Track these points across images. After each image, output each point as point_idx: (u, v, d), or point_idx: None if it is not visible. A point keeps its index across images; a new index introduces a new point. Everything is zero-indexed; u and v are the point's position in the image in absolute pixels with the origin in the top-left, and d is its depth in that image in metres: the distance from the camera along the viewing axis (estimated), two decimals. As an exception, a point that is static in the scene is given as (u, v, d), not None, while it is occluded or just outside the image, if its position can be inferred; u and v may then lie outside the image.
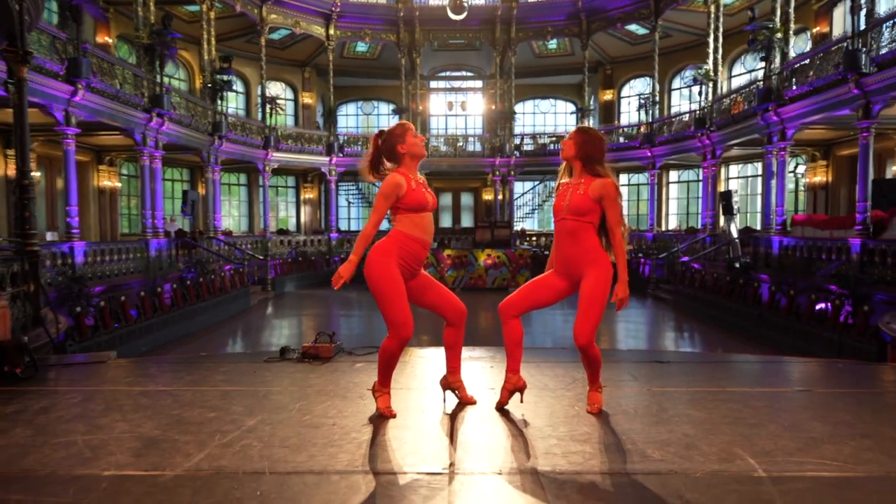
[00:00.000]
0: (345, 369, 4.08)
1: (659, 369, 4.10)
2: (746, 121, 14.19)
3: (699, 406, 3.20)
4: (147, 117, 12.27)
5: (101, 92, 10.75)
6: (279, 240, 19.21)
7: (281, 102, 20.14)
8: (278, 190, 22.97)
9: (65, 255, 9.70)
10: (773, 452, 2.52)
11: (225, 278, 12.94)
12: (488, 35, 20.83)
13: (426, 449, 2.60)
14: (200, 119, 15.21)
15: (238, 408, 3.18)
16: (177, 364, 4.37)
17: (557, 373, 3.95)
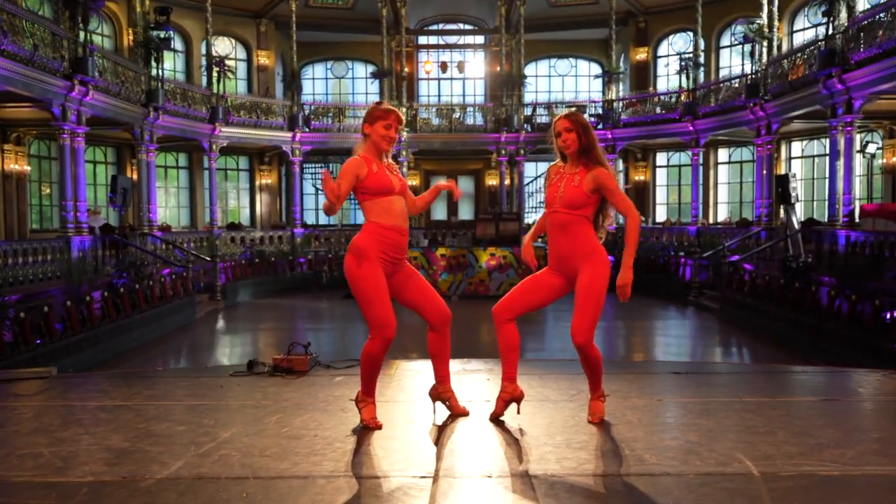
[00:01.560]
0: (323, 383, 4.67)
1: (673, 381, 4.73)
2: (806, 88, 14.83)
3: (709, 415, 3.81)
4: (68, 85, 12.82)
5: (13, 55, 11.29)
6: (230, 237, 19.76)
7: (230, 64, 20.69)
8: (227, 174, 23.46)
9: (-32, 257, 10.24)
10: (774, 456, 3.14)
11: (165, 284, 13.50)
12: (490, -21, 21.34)
13: (414, 456, 3.20)
14: (132, 87, 15.76)
15: (209, 421, 3.77)
16: (131, 378, 4.95)
17: (561, 384, 4.56)
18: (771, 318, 12.39)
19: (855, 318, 9.99)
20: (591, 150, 3.64)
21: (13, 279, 11.21)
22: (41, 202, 18.40)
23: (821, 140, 19.52)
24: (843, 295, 10.62)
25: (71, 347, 9.70)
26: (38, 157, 17.90)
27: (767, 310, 12.49)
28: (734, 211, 22.00)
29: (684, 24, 22.04)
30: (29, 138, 17.27)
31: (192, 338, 13.03)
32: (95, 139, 18.76)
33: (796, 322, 11.57)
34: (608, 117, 21.41)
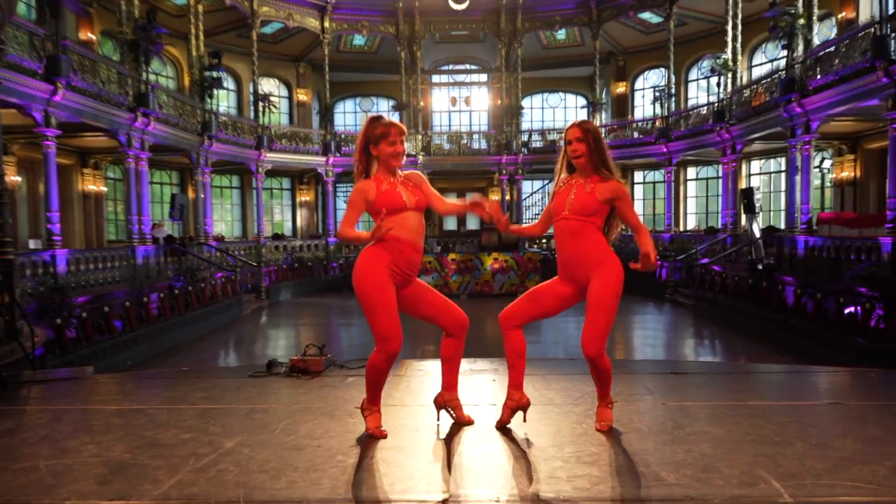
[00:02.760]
0: (335, 384, 4.00)
1: (675, 381, 3.99)
2: (768, 113, 14.06)
3: (718, 422, 3.09)
4: (132, 117, 12.28)
5: (83, 91, 10.76)
6: (274, 245, 19.20)
7: (274, 100, 20.13)
8: (273, 192, 22.96)
9: (46, 263, 9.69)
10: (800, 475, 2.41)
11: (216, 286, 12.90)
12: (493, 26, 20.79)
13: (417, 473, 2.51)
14: (189, 118, 15.22)
15: (216, 428, 3.10)
16: (156, 380, 4.30)
17: (565, 386, 3.85)
18: (741, 314, 11.60)
19: (820, 315, 9.19)
20: (604, 161, 2.97)
21: (85, 283, 10.65)
22: (117, 217, 17.88)
23: (776, 158, 18.72)
24: (808, 294, 9.82)
25: (129, 343, 9.10)
26: (113, 179, 17.38)
27: (738, 306, 11.70)
28: (701, 220, 21.19)
29: (657, 61, 21.58)
30: (105, 163, 16.76)
31: (239, 332, 12.41)
32: (161, 164, 18.30)
33: (764, 318, 10.78)
34: (593, 141, 20.61)
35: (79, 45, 12.02)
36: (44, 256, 9.68)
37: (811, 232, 12.71)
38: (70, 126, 11.05)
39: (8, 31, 8.79)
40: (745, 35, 17.13)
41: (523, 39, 20.78)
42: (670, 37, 18.62)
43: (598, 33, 20.28)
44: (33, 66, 9.41)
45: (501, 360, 4.94)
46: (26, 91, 9.36)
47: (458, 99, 23.30)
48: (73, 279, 10.09)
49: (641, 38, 21.67)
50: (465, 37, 22.21)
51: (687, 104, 20.81)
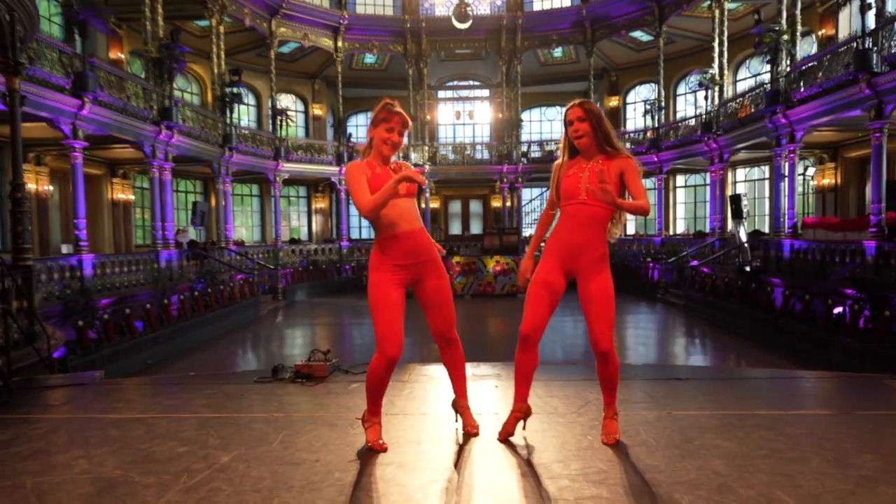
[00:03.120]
0: (339, 391, 3.68)
1: (678, 388, 3.65)
2: (754, 124, 13.69)
3: (728, 434, 2.76)
4: (156, 130, 12.02)
5: (109, 105, 10.51)
6: (290, 249, 18.93)
7: (291, 114, 19.89)
8: (290, 200, 22.72)
9: (73, 267, 9.43)
10: (822, 497, 2.08)
11: (234, 288, 12.62)
12: (494, 44, 20.49)
13: (417, 494, 2.19)
14: (211, 131, 14.98)
15: (214, 440, 2.79)
16: (160, 386, 3.99)
17: (567, 393, 3.52)
18: (731, 314, 11.22)
19: (809, 315, 8.81)
20: (609, 139, 2.60)
21: (111, 286, 10.38)
22: (144, 223, 17.64)
23: (760, 167, 18.32)
24: (796, 295, 9.44)
25: (149, 342, 8.82)
26: (140, 188, 17.14)
27: (728, 307, 11.32)
28: (690, 224, 20.81)
29: (648, 76, 21.24)
30: (133, 173, 16.52)
31: (255, 331, 12.11)
32: (186, 173, 18.08)
33: (753, 317, 10.40)
34: (588, 152, 20.29)
35: (108, 63, 11.80)
36: (71, 261, 9.42)
37: (796, 236, 12.32)
38: (97, 138, 10.82)
39: (36, 48, 8.56)
40: (731, 52, 16.78)
41: (522, 57, 20.48)
42: (660, 54, 18.28)
43: (592, 51, 19.98)
44: (61, 81, 9.16)
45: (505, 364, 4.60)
46: (55, 105, 9.12)
47: (462, 113, 23.02)
48: (98, 282, 9.83)
49: (633, 56, 21.34)
50: (468, 55, 21.93)
51: (675, 117, 20.47)
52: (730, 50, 16.54)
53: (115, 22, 15.14)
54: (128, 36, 15.90)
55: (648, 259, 17.39)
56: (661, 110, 18.73)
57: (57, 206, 13.55)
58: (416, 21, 20.10)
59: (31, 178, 12.48)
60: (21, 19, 5.50)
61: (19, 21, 5.44)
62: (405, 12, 20.39)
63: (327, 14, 19.14)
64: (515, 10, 20.36)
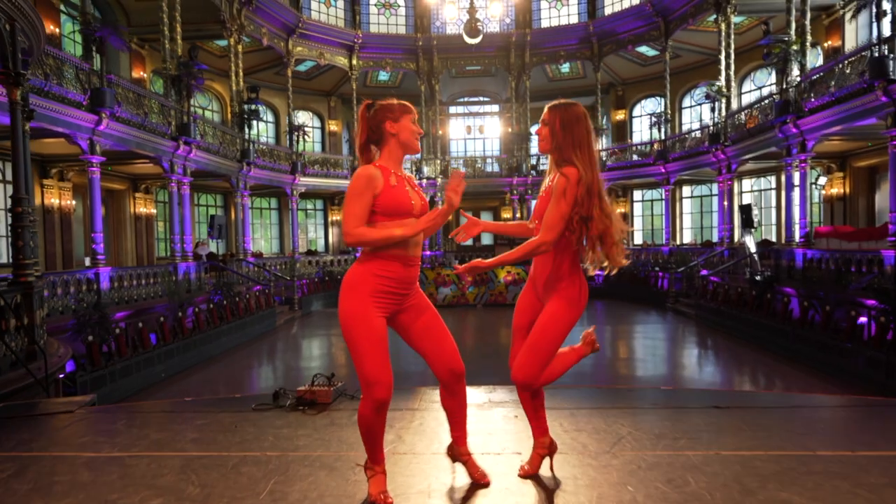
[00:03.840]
0: (343, 421, 3.18)
1: (719, 420, 3.11)
2: (763, 134, 13.09)
3: (794, 484, 2.21)
4: (174, 145, 11.71)
5: (127, 121, 10.20)
6: (307, 260, 18.56)
7: (308, 130, 19.59)
8: (307, 213, 22.40)
9: (90, 281, 9.06)
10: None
11: (251, 299, 12.20)
12: (503, 61, 20.10)
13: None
14: (229, 146, 14.67)
15: (194, 489, 2.30)
16: (150, 415, 3.51)
17: (597, 426, 2.98)
18: (745, 323, 10.57)
19: (830, 326, 8.16)
20: (563, 152, 2.12)
21: (128, 298, 10.01)
22: (166, 236, 17.36)
23: (767, 177, 17.66)
24: (815, 305, 8.80)
25: (163, 356, 8.39)
26: (162, 203, 16.88)
27: (742, 316, 10.67)
28: (697, 235, 20.13)
29: (654, 90, 20.74)
30: (155, 188, 16.26)
31: (271, 343, 11.66)
32: (206, 188, 17.82)
33: (769, 328, 9.75)
34: (596, 164, 19.79)
35: (130, 81, 11.52)
36: (88, 274, 9.05)
37: (809, 245, 11.65)
38: (116, 154, 10.51)
39: (53, 65, 8.25)
40: (736, 64, 16.18)
41: (531, 73, 20.09)
42: (666, 68, 17.77)
43: (599, 66, 19.52)
44: (78, 97, 8.85)
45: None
46: (72, 121, 8.80)
47: (472, 127, 22.62)
48: (115, 295, 9.45)
49: (639, 70, 20.84)
50: (478, 71, 21.57)
51: (681, 129, 19.89)
52: (735, 63, 15.98)
53: (137, 43, 14.98)
54: (150, 56, 15.70)
55: (657, 268, 16.76)
56: (667, 123, 18.17)
57: (80, 220, 13.27)
58: (427, 39, 19.78)
59: (54, 194, 12.21)
60: (23, 29, 5.13)
61: (21, 31, 5.07)
62: (417, 31, 20.09)
63: (342, 33, 18.88)
64: (524, 27, 19.97)
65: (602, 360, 9.56)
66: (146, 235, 15.90)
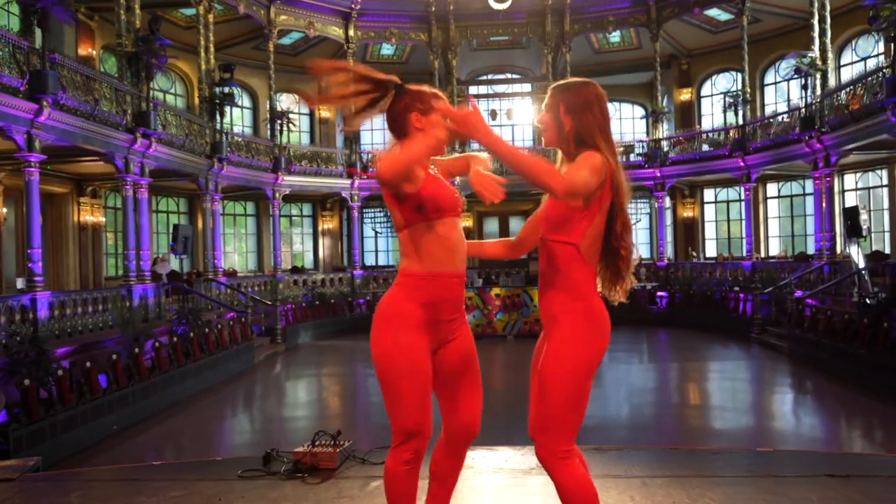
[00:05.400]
0: (353, 492, 3.15)
1: (837, 492, 3.00)
2: (870, 118, 12.93)
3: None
4: (130, 138, 11.89)
5: (74, 110, 10.38)
6: (292, 280, 18.67)
7: (293, 117, 19.75)
8: (292, 220, 22.61)
9: (25, 308, 9.17)
10: None
11: (223, 330, 12.26)
12: (537, 30, 20.20)
13: None
14: (197, 139, 14.87)
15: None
16: (111, 484, 3.49)
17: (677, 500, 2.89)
18: (853, 360, 10.34)
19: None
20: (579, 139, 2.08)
21: (71, 330, 10.10)
22: (117, 250, 17.59)
23: (877, 171, 17.44)
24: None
25: (116, 402, 8.41)
26: (113, 209, 17.14)
27: (850, 350, 10.44)
28: (787, 245, 19.89)
29: (728, 63, 20.72)
30: (105, 191, 16.52)
31: (248, 385, 11.67)
32: (166, 190, 18.05)
33: (885, 366, 9.51)
34: (655, 156, 19.75)
35: (77, 61, 11.73)
36: (23, 300, 9.16)
37: (935, 259, 11.43)
38: (59, 150, 10.68)
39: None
40: (833, 30, 16.07)
41: (572, 44, 20.14)
42: (743, 35, 17.70)
43: (658, 34, 19.51)
44: (14, 82, 9.01)
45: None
46: (6, 111, 8.95)
47: (498, 112, 22.56)
48: (56, 326, 9.55)
49: (708, 39, 20.83)
50: (505, 43, 21.69)
51: (763, 111, 19.80)
52: (832, 28, 15.88)
53: (85, 13, 15.29)
54: (100, 28, 16.03)
55: (736, 289, 16.56)
56: (746, 104, 18.05)
57: (12, 232, 13.48)
58: (442, 4, 19.93)
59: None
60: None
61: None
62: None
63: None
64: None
65: (669, 409, 9.41)
66: (92, 250, 16.12)
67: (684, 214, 22.20)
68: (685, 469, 3.55)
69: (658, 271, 19.67)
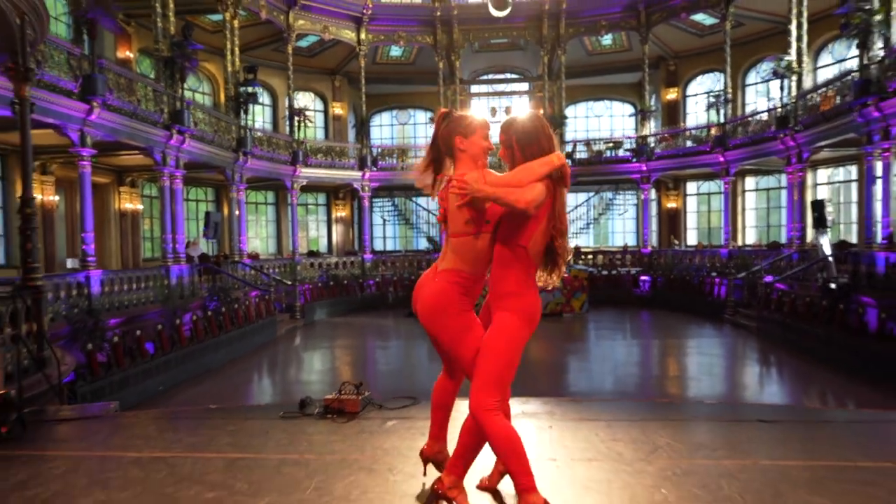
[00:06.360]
0: (373, 429, 3.72)
1: (762, 432, 3.58)
2: (840, 118, 13.34)
3: (825, 490, 2.69)
4: (167, 135, 12.42)
5: (118, 109, 10.91)
6: (309, 262, 19.22)
7: (310, 114, 20.28)
8: (308, 208, 23.11)
9: (81, 285, 9.76)
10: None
11: (250, 307, 12.88)
12: (534, 33, 20.55)
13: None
14: (224, 135, 15.38)
15: (242, 484, 2.86)
16: (180, 420, 4.11)
17: (634, 435, 3.48)
18: (814, 339, 10.89)
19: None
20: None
21: (119, 304, 10.70)
22: (153, 235, 18.20)
23: (846, 167, 17.83)
24: (893, 317, 9.12)
25: (160, 367, 9.06)
26: (149, 197, 17.74)
27: (811, 330, 10.99)
28: (762, 234, 20.35)
29: (712, 65, 20.97)
30: (142, 181, 17.09)
31: (273, 355, 12.32)
32: (196, 181, 18.60)
33: (841, 343, 10.07)
34: (642, 151, 20.20)
35: (116, 63, 12.26)
36: (78, 278, 9.76)
37: (893, 248, 11.91)
38: (106, 145, 11.22)
39: (44, 52, 8.97)
40: (810, 34, 16.40)
41: (567, 46, 20.48)
42: (726, 39, 18.03)
43: (647, 37, 19.84)
44: (69, 85, 9.57)
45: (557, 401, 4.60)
46: (62, 111, 9.52)
47: (497, 109, 23.04)
48: (106, 300, 10.15)
49: (694, 41, 21.11)
50: (505, 45, 22.04)
51: (744, 110, 20.12)
52: (809, 32, 16.20)
53: (122, 19, 15.74)
54: (136, 33, 16.51)
55: (713, 274, 17.07)
56: (727, 103, 18.41)
57: (63, 218, 14.08)
58: (447, 9, 20.33)
59: (36, 189, 13.00)
60: (31, 22, 5.79)
61: (29, 24, 5.72)
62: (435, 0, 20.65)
63: (350, 4, 19.52)
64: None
65: (649, 379, 9.99)
66: (132, 234, 16.73)
67: (668, 205, 22.60)
68: (645, 415, 4.11)
69: (642, 258, 20.19)
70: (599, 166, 20.97)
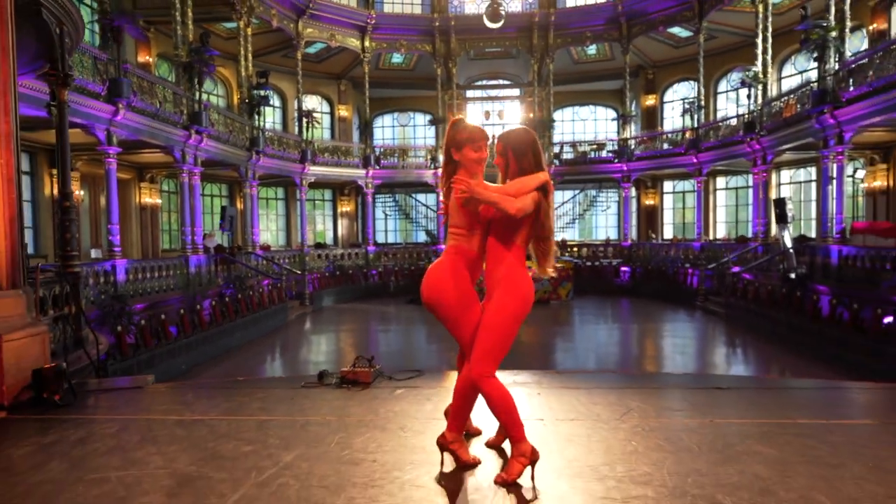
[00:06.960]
0: (384, 396, 3.96)
1: (719, 397, 3.85)
2: (800, 124, 13.65)
3: (769, 441, 2.95)
4: (186, 134, 12.57)
5: (142, 111, 11.06)
6: (316, 254, 19.42)
7: (317, 116, 20.42)
8: (315, 203, 23.28)
9: (107, 273, 9.95)
10: (861, 501, 2.28)
11: (263, 294, 13.08)
12: (525, 42, 20.73)
13: (473, 494, 2.45)
14: (238, 134, 15.53)
15: (274, 440, 3.10)
16: (213, 390, 4.34)
17: (610, 400, 3.74)
18: (774, 323, 11.23)
19: (857, 325, 8.82)
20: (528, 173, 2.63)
21: (142, 291, 10.90)
22: (171, 227, 18.35)
23: (807, 168, 18.17)
24: (844, 303, 9.44)
25: (183, 348, 9.27)
26: (167, 192, 17.87)
27: (771, 315, 11.33)
28: (731, 229, 20.69)
29: (687, 74, 21.25)
30: (160, 177, 17.22)
31: (285, 338, 12.55)
32: (212, 177, 18.73)
33: (798, 327, 10.41)
34: (623, 153, 20.48)
35: (137, 67, 12.37)
36: (105, 266, 9.94)
37: (844, 241, 12.24)
38: (129, 143, 11.38)
39: (74, 56, 9.11)
40: (775, 47, 16.69)
41: (555, 55, 20.69)
42: (700, 50, 18.30)
43: (628, 48, 20.08)
44: (97, 88, 9.71)
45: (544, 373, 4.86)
46: (90, 112, 9.67)
47: (491, 113, 23.21)
48: (131, 287, 10.34)
49: (671, 52, 21.35)
50: (498, 53, 22.21)
51: (716, 116, 20.43)
52: (774, 46, 16.49)
53: (143, 25, 15.83)
54: (155, 39, 16.59)
55: (687, 265, 17.39)
56: (700, 109, 18.72)
57: (87, 211, 14.21)
58: (445, 19, 20.47)
59: (63, 183, 13.15)
60: (69, 31, 5.96)
61: (68, 34, 5.89)
62: (434, 11, 20.78)
63: (355, 13, 19.63)
64: (548, 6, 20.57)
65: (627, 358, 10.29)
66: (151, 227, 16.87)
67: (647, 202, 22.92)
68: (620, 384, 4.39)
69: (623, 250, 20.51)
70: (584, 166, 21.22)
